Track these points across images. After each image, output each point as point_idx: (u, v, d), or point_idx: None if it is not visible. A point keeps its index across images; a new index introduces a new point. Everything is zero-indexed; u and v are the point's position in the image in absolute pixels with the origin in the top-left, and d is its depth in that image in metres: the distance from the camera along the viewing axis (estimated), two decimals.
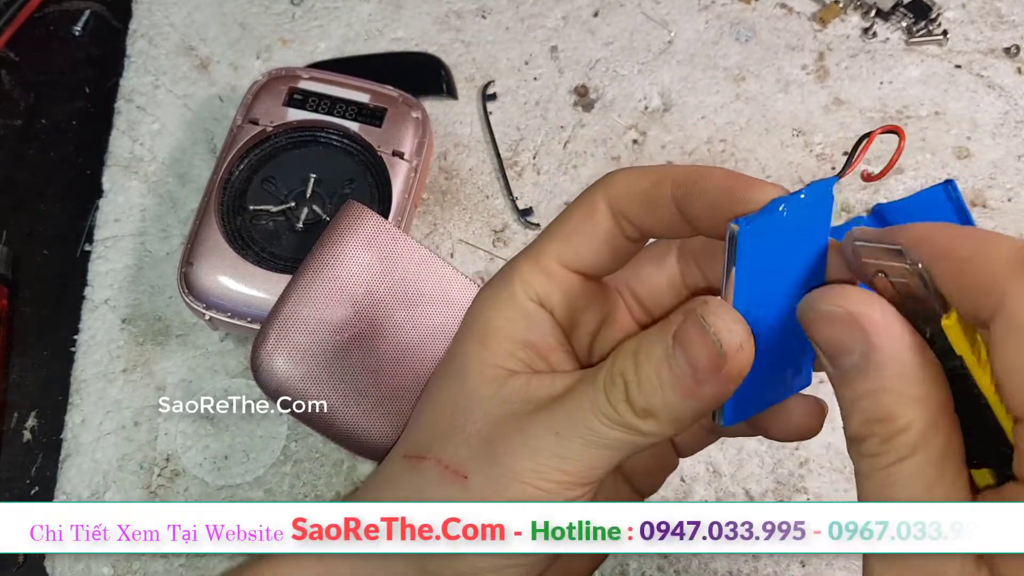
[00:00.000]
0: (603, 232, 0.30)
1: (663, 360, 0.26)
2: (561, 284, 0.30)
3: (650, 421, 0.27)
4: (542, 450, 0.28)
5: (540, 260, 0.30)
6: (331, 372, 0.50)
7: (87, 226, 0.62)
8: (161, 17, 0.69)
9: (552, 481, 0.28)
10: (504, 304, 0.30)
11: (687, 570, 0.52)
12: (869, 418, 0.24)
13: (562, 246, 0.30)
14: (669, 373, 0.26)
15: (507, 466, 0.28)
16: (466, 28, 0.68)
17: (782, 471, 0.54)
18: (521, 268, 0.30)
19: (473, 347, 0.30)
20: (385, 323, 0.51)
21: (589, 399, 0.28)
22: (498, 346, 0.30)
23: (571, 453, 0.28)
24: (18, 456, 0.57)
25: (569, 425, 0.28)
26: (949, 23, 0.67)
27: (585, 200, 0.30)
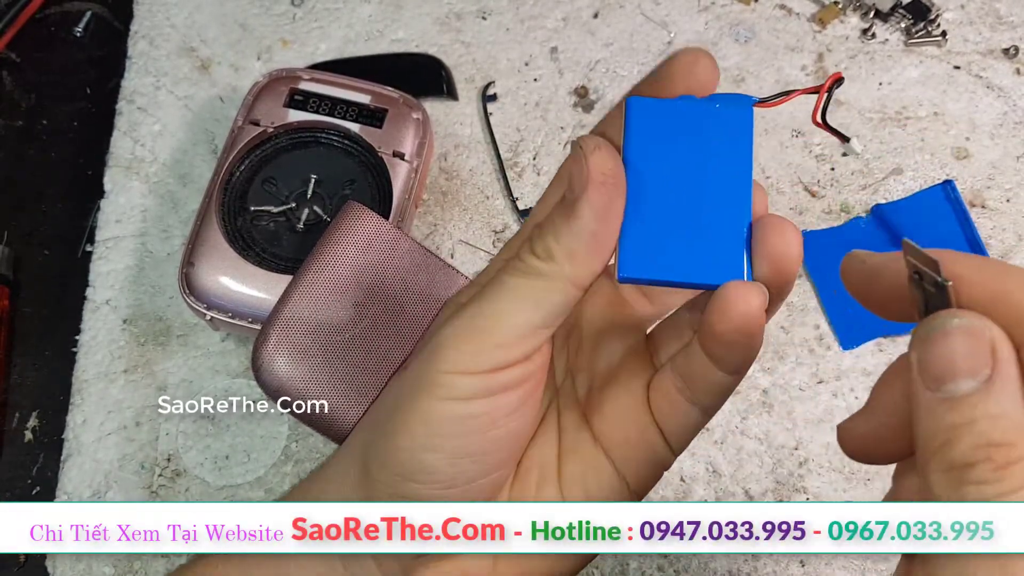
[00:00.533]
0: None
1: (558, 205, 0.29)
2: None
3: (550, 262, 0.28)
4: (463, 315, 0.29)
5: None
6: (332, 372, 0.50)
7: (88, 227, 0.62)
8: (162, 18, 0.69)
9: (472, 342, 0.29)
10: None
11: (687, 570, 0.52)
12: (985, 443, 0.23)
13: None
14: (559, 208, 0.29)
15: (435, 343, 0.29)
16: (466, 29, 0.68)
17: (782, 471, 0.55)
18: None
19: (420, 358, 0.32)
20: (386, 323, 0.51)
21: (503, 264, 0.30)
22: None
23: (487, 310, 0.29)
24: (19, 456, 0.57)
25: (487, 289, 0.29)
26: (948, 24, 0.67)
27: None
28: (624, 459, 0.33)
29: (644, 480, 0.33)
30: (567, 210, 0.28)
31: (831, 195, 0.62)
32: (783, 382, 0.57)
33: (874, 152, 0.63)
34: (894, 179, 0.63)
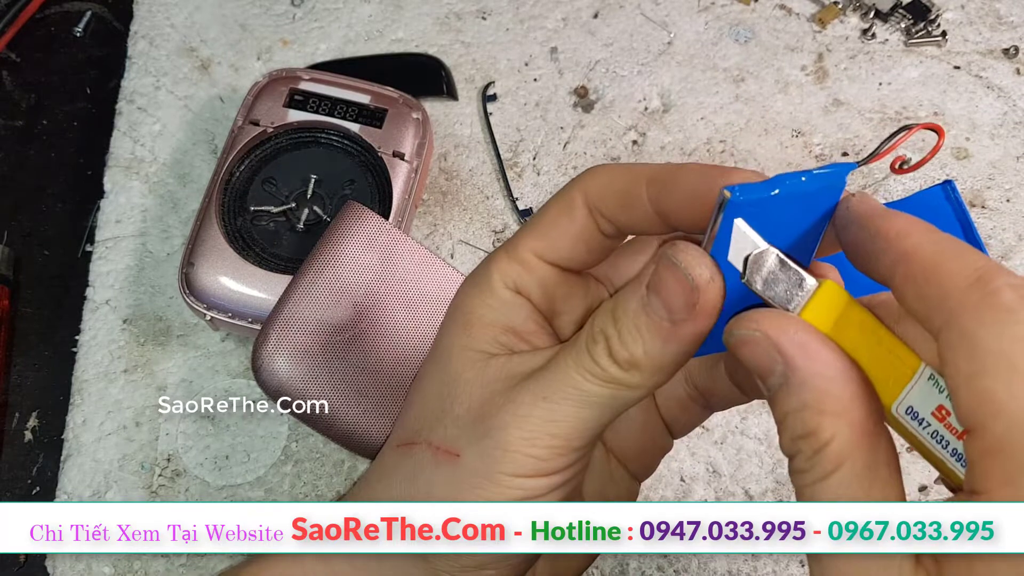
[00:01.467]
0: (579, 228, 0.30)
1: (639, 309, 0.27)
2: (537, 275, 0.30)
3: (634, 372, 0.27)
4: (531, 416, 0.28)
5: (516, 252, 0.30)
6: (332, 372, 0.50)
7: (88, 227, 0.62)
8: (162, 18, 0.69)
9: (543, 447, 0.28)
10: (483, 292, 0.31)
11: (687, 570, 0.52)
12: (795, 435, 0.24)
13: (538, 240, 0.30)
14: (647, 319, 0.27)
15: (498, 438, 0.28)
16: (466, 29, 0.68)
17: (782, 471, 0.55)
18: (498, 259, 0.31)
19: (455, 334, 0.31)
20: (385, 323, 0.51)
21: (573, 360, 0.28)
22: (479, 332, 0.30)
23: (559, 415, 0.28)
24: (19, 456, 0.57)
25: (556, 388, 0.28)
26: (948, 24, 0.67)
27: (563, 195, 0.30)
28: (637, 462, 0.34)
29: (650, 469, 0.35)
30: (662, 330, 0.27)
31: None
32: None
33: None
34: (894, 179, 0.63)
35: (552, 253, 0.30)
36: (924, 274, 0.23)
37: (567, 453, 0.28)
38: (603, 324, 0.28)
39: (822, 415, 0.24)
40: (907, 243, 0.24)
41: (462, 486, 0.29)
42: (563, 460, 0.28)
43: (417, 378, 0.33)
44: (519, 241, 0.31)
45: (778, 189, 0.26)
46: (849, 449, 0.24)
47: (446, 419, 0.30)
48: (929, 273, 0.23)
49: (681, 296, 0.26)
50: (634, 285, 0.28)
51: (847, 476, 0.24)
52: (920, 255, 0.24)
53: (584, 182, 0.30)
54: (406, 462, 0.30)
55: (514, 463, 0.28)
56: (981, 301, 0.22)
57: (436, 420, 0.30)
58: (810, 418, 0.24)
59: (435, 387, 0.31)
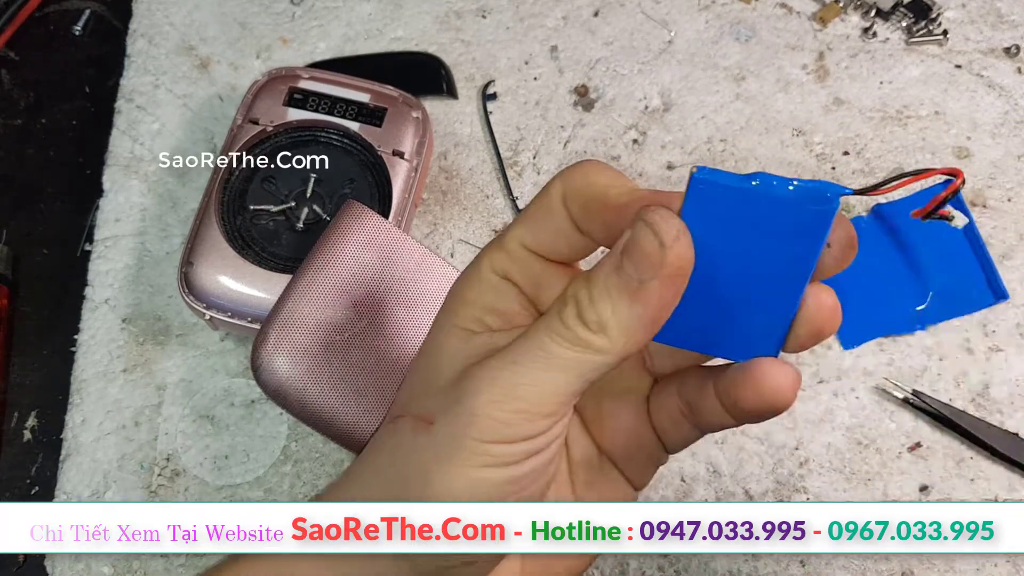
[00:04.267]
0: (557, 223, 0.30)
1: (611, 271, 0.27)
2: (522, 263, 0.31)
3: (602, 335, 0.27)
4: (498, 379, 0.28)
5: (503, 241, 0.31)
6: (331, 372, 0.50)
7: (87, 226, 0.62)
8: (161, 17, 0.69)
9: (510, 411, 0.28)
10: (471, 277, 0.32)
11: (687, 570, 0.52)
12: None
13: (523, 230, 0.31)
14: (617, 280, 0.27)
15: (467, 403, 0.28)
16: (466, 28, 0.68)
17: (782, 471, 0.55)
18: (488, 247, 0.32)
19: (444, 315, 0.32)
20: (385, 323, 0.51)
21: (544, 324, 0.28)
22: (464, 311, 0.31)
23: (526, 379, 0.28)
24: (18, 456, 0.57)
25: (524, 351, 0.28)
26: (949, 23, 0.67)
27: (545, 188, 0.31)
28: (629, 466, 0.34)
29: (644, 477, 0.34)
30: (631, 289, 0.27)
31: None
32: None
33: (875, 151, 0.63)
34: None
35: (535, 243, 0.31)
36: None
37: (535, 419, 0.28)
38: (575, 288, 0.28)
39: None
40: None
41: (436, 453, 0.29)
42: (532, 427, 0.28)
43: (410, 362, 0.34)
44: (507, 230, 0.31)
45: (756, 181, 0.27)
46: None
47: (429, 390, 0.30)
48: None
49: (649, 254, 0.27)
50: (610, 252, 0.28)
51: None
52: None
53: (565, 179, 0.30)
54: (392, 435, 0.31)
55: (481, 428, 0.28)
56: None
57: (420, 393, 0.31)
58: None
59: (422, 364, 0.32)
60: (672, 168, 0.63)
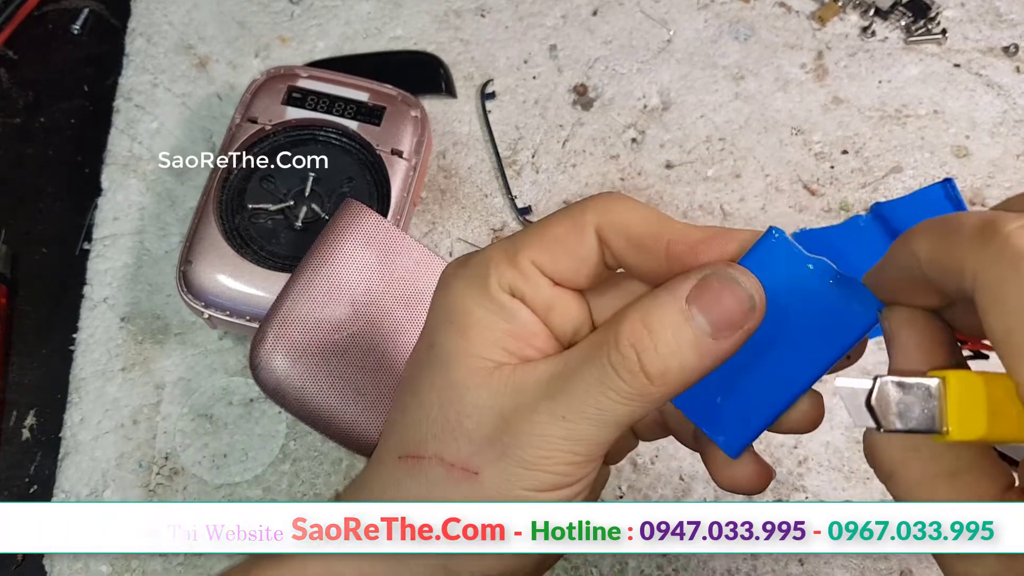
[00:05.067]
0: (585, 252, 0.29)
1: (682, 322, 0.27)
2: (533, 284, 0.30)
3: (662, 386, 0.27)
4: (550, 436, 0.28)
5: (516, 258, 0.30)
6: (330, 370, 0.50)
7: (86, 225, 0.62)
8: (160, 16, 0.68)
9: (564, 463, 0.28)
10: (479, 294, 0.30)
11: (686, 569, 0.52)
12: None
13: (540, 252, 0.30)
14: (691, 333, 0.27)
15: (517, 457, 0.28)
16: (465, 27, 0.68)
17: (781, 470, 0.55)
18: (496, 260, 0.30)
19: (452, 338, 0.30)
20: (384, 321, 0.51)
21: (595, 378, 0.27)
22: (479, 337, 0.29)
23: (581, 435, 0.28)
24: (17, 455, 0.57)
25: (576, 408, 0.28)
26: (948, 22, 0.67)
27: (575, 215, 0.30)
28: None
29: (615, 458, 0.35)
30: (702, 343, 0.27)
31: (831, 193, 0.62)
32: None
33: (874, 150, 0.63)
34: (894, 177, 0.62)
35: (552, 268, 0.30)
36: (936, 250, 0.24)
37: (587, 465, 0.28)
38: (635, 337, 0.27)
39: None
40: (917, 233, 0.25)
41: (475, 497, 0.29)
42: (583, 471, 0.28)
43: (410, 381, 0.32)
44: (520, 247, 0.30)
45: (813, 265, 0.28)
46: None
47: (457, 434, 0.29)
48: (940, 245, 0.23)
49: (735, 313, 0.27)
50: (666, 297, 0.27)
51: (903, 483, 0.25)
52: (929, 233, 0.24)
53: (601, 210, 0.29)
54: (416, 478, 0.30)
55: (535, 480, 0.28)
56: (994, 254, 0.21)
57: (446, 434, 0.29)
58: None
59: (436, 396, 0.30)
60: (671, 167, 0.63)
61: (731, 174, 0.63)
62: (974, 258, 0.22)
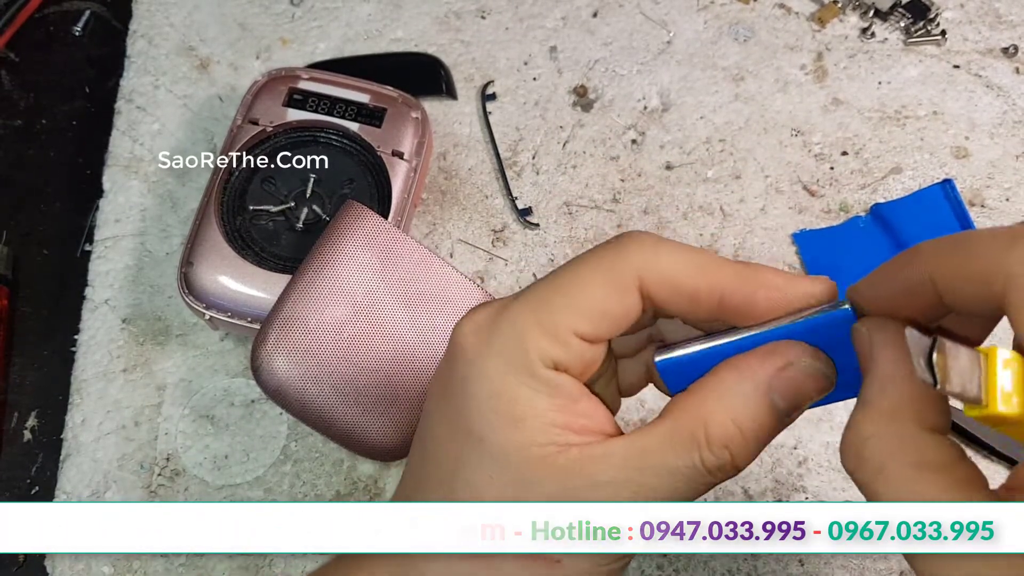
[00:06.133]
0: (628, 312, 0.29)
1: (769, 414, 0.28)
2: (578, 353, 0.29)
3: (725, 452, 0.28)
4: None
5: (556, 330, 0.28)
6: (331, 372, 0.50)
7: (87, 226, 0.62)
8: (161, 17, 0.69)
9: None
10: (524, 375, 0.28)
11: (687, 569, 0.52)
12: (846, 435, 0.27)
13: (580, 319, 0.28)
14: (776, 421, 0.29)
15: None
16: (465, 28, 0.68)
17: (781, 470, 0.55)
18: (532, 333, 0.28)
19: (506, 431, 0.28)
20: (385, 323, 0.51)
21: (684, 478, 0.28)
22: (534, 423, 0.28)
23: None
24: (18, 456, 0.57)
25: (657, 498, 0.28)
26: (947, 23, 0.67)
27: (614, 272, 0.28)
28: None
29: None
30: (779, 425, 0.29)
31: (830, 194, 0.62)
32: None
33: (873, 151, 0.63)
34: (893, 178, 0.63)
35: (594, 334, 0.29)
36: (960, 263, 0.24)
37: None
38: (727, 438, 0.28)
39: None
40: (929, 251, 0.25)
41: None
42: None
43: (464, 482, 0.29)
44: (557, 315, 0.28)
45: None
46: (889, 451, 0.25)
47: None
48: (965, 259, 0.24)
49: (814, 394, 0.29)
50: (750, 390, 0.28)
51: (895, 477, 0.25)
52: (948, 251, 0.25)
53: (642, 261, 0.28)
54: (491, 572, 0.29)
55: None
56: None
57: None
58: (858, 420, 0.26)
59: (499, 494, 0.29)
60: (671, 168, 0.63)
61: (731, 175, 0.63)
62: (1006, 261, 0.22)
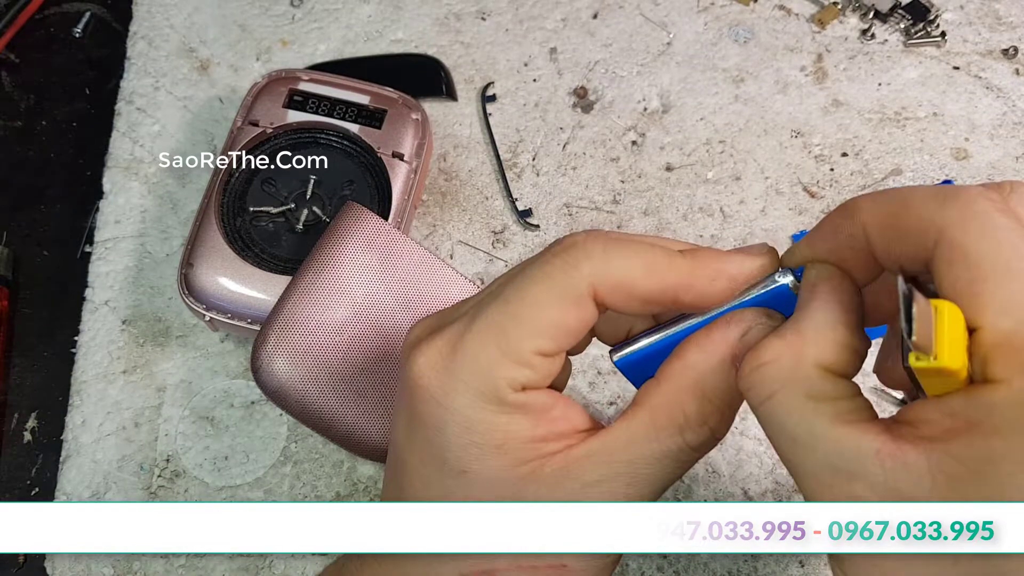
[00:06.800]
0: (589, 321, 0.29)
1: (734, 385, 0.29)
2: (544, 370, 0.29)
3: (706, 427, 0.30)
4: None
5: (520, 356, 0.28)
6: (331, 373, 0.50)
7: (87, 227, 0.62)
8: (161, 19, 0.69)
9: None
10: (496, 405, 0.28)
11: (687, 570, 0.52)
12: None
13: (541, 339, 0.28)
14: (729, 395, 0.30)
15: None
16: (466, 30, 0.68)
17: (781, 471, 0.55)
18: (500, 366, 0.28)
19: (489, 460, 0.29)
20: (385, 324, 0.51)
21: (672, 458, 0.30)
22: (515, 446, 0.29)
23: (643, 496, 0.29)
24: (18, 457, 0.57)
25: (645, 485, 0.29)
26: (947, 24, 0.67)
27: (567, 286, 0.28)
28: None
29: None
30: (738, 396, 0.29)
31: (830, 195, 0.62)
32: None
33: (873, 153, 0.64)
34: (893, 180, 0.63)
35: (556, 348, 0.29)
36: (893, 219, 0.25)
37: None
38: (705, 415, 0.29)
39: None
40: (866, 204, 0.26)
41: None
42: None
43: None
44: (518, 344, 0.28)
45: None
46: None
47: None
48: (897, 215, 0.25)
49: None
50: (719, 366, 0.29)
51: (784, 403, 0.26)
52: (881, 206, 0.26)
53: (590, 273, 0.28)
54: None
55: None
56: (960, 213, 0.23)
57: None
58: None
59: None
60: (671, 170, 0.63)
61: (731, 176, 0.63)
62: (939, 216, 0.23)
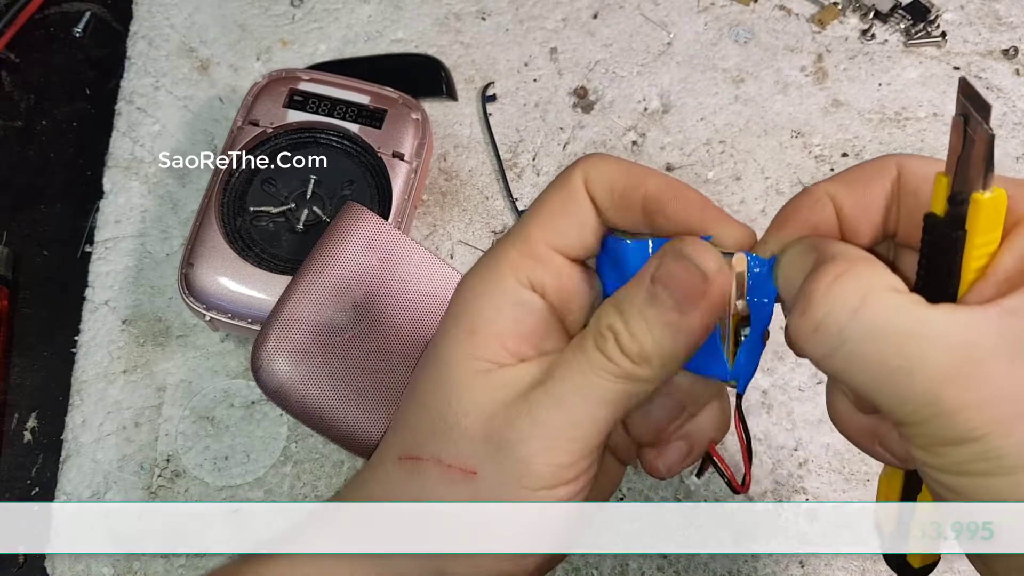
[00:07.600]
0: (584, 214, 0.30)
1: (646, 301, 0.27)
2: (552, 268, 0.30)
3: (645, 365, 0.27)
4: (548, 423, 0.27)
5: (529, 246, 0.29)
6: (331, 373, 0.50)
7: (88, 227, 0.62)
8: (161, 19, 0.69)
9: (564, 452, 0.27)
10: (495, 294, 0.30)
11: (687, 570, 0.52)
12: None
13: (546, 230, 0.30)
14: (655, 311, 0.27)
15: (516, 451, 0.27)
16: (466, 30, 0.68)
17: (781, 472, 0.55)
18: (508, 254, 0.30)
19: (458, 341, 0.30)
20: (385, 324, 0.51)
21: (585, 361, 0.28)
22: (486, 340, 0.29)
23: (578, 416, 0.27)
24: (19, 457, 0.57)
25: (569, 390, 0.28)
26: (947, 25, 0.67)
27: (564, 183, 0.30)
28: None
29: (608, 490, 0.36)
30: (670, 320, 0.27)
31: None
32: (783, 383, 0.57)
33: (873, 153, 0.63)
34: None
35: (562, 243, 0.30)
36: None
37: (587, 454, 0.28)
38: (609, 320, 0.28)
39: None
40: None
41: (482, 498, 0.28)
42: (583, 463, 0.28)
43: (413, 382, 0.31)
44: (529, 233, 0.30)
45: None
46: None
47: (454, 434, 0.29)
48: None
49: (691, 286, 0.27)
50: (637, 280, 0.28)
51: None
52: None
53: (585, 169, 0.30)
54: (414, 479, 0.29)
55: (536, 476, 0.27)
56: None
57: (442, 435, 0.29)
58: None
59: (435, 397, 0.30)
60: (671, 169, 0.63)
61: (731, 176, 0.63)
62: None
